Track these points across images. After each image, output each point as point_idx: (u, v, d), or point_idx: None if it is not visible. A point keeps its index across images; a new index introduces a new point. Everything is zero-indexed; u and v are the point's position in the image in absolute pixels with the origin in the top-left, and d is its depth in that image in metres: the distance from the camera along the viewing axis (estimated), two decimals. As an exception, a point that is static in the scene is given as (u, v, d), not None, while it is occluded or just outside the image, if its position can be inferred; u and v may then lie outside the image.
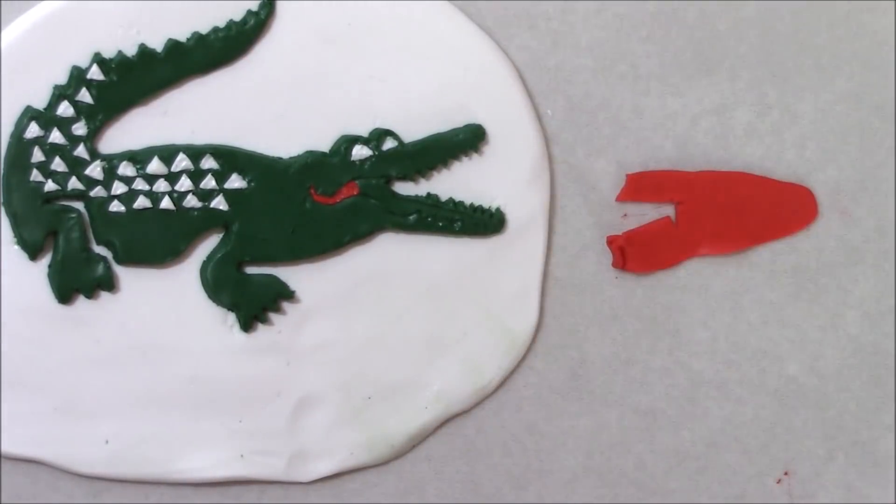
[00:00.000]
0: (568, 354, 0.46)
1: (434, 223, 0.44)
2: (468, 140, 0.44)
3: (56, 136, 0.42)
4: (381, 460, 0.45)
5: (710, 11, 0.45)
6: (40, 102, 0.42)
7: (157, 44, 0.43)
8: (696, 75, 0.45)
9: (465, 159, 0.44)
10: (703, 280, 0.46)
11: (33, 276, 0.43)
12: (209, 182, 0.43)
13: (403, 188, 0.44)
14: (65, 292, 0.43)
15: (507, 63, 0.44)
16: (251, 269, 0.44)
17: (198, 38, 0.43)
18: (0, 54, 0.42)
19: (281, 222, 0.43)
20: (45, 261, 0.43)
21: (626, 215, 0.45)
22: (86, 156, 0.42)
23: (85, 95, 0.42)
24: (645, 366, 0.46)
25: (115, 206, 0.43)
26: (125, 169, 0.42)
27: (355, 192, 0.43)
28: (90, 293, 0.43)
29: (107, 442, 0.44)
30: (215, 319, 0.44)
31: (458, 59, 0.44)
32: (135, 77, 0.43)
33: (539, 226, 0.45)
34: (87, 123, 0.42)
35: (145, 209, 0.43)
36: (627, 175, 0.45)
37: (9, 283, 0.43)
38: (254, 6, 0.43)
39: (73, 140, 0.42)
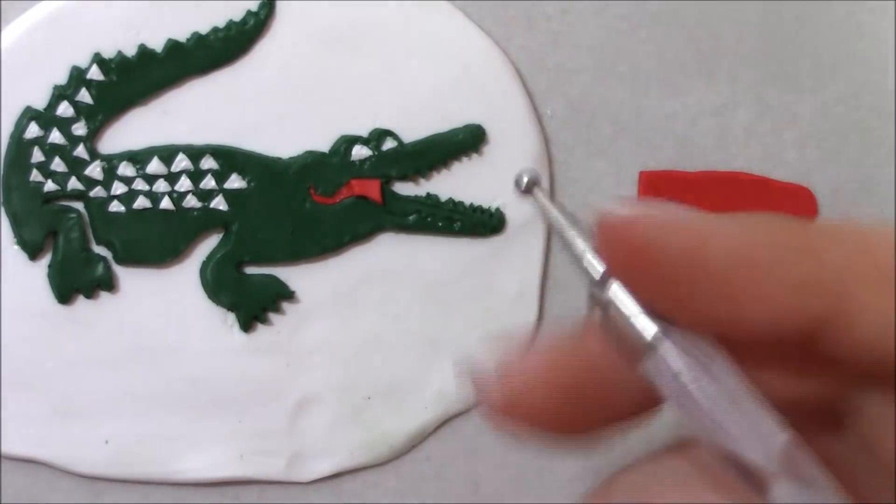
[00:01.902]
0: (568, 354, 0.46)
1: (434, 223, 0.44)
2: (468, 140, 0.44)
3: (56, 137, 0.42)
4: (380, 460, 0.45)
5: (710, 11, 0.45)
6: (40, 102, 0.42)
7: (157, 44, 0.43)
8: (696, 75, 0.45)
9: (465, 159, 0.44)
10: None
11: (33, 276, 0.43)
12: (209, 182, 0.43)
13: (403, 188, 0.44)
14: (65, 292, 0.43)
15: (507, 63, 0.44)
16: (251, 269, 0.44)
17: (198, 39, 0.43)
18: (0, 54, 0.42)
19: (281, 222, 0.43)
20: (45, 261, 0.43)
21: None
22: (86, 156, 0.42)
23: (85, 95, 0.42)
24: (645, 366, 0.46)
25: (115, 207, 0.43)
26: (125, 169, 0.42)
27: (355, 193, 0.43)
28: (90, 293, 0.43)
29: (107, 442, 0.44)
30: (215, 319, 0.44)
31: (458, 59, 0.44)
32: (135, 77, 0.42)
33: (539, 226, 0.45)
34: (87, 123, 0.42)
35: (145, 209, 0.43)
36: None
37: (9, 283, 0.43)
38: (254, 6, 0.43)
39: (73, 140, 0.42)
